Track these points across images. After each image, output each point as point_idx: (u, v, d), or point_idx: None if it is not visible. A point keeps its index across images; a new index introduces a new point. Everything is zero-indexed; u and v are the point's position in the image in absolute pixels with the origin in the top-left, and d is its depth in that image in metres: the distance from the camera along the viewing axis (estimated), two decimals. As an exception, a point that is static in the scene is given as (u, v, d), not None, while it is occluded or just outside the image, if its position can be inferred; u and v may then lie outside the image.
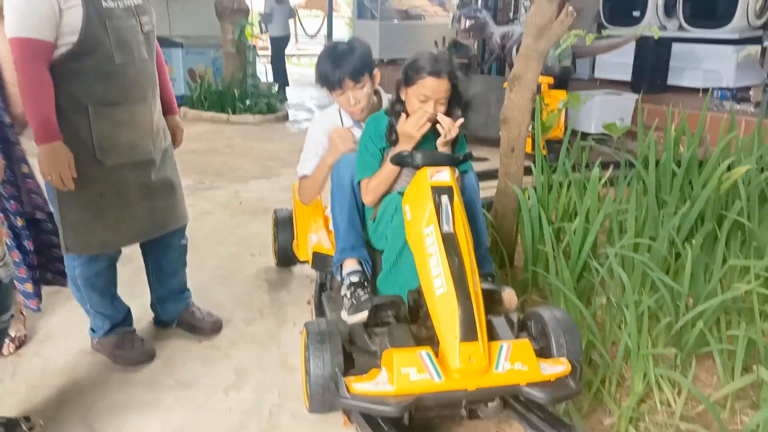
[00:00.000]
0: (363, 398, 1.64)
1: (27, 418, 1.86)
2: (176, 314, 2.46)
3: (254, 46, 8.31)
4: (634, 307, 2.06)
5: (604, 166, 3.43)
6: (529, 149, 4.34)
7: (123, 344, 2.26)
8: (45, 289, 2.76)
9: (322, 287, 2.65)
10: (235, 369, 2.26)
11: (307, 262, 2.65)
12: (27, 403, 2.03)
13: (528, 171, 3.14)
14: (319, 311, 2.50)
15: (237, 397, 2.10)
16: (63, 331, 2.44)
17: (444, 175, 1.97)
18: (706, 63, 7.02)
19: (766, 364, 1.97)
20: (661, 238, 2.48)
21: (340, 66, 2.31)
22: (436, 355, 1.72)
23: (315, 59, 2.48)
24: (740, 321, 2.24)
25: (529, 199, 2.83)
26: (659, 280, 2.22)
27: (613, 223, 2.74)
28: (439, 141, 2.11)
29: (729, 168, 2.86)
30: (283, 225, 3.00)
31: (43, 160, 1.88)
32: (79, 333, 2.40)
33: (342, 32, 15.09)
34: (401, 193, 2.11)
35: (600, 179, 2.79)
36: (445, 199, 1.92)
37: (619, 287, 2.28)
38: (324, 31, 13.65)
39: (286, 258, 3.02)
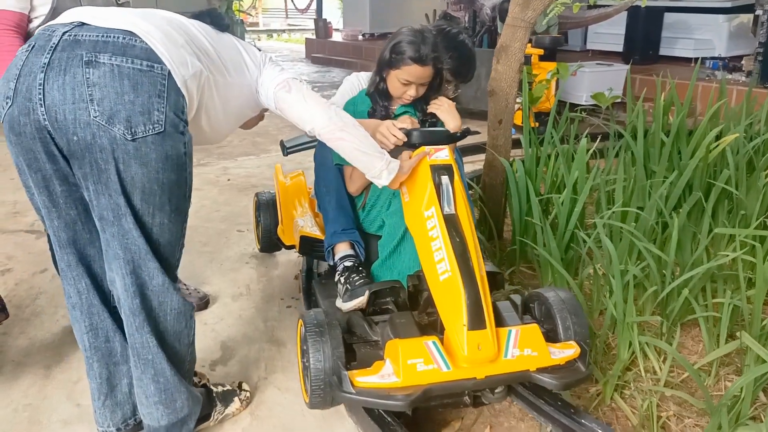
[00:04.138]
0: (369, 393, 1.57)
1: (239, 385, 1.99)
2: (163, 291, 2.45)
3: (242, 21, 8.22)
4: (620, 277, 2.06)
5: (595, 137, 3.43)
6: (519, 121, 4.34)
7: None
8: (31, 268, 2.78)
9: (309, 273, 2.55)
10: (221, 344, 2.26)
11: (293, 247, 2.56)
12: (12, 381, 2.03)
13: (518, 144, 3.13)
14: (308, 299, 2.41)
15: (223, 371, 2.10)
16: (49, 310, 2.44)
17: (443, 154, 1.90)
18: (698, 32, 6.97)
19: (750, 331, 1.98)
20: (648, 208, 2.48)
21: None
22: (442, 343, 1.66)
23: (305, 34, 2.40)
24: (726, 289, 2.25)
25: (516, 171, 2.82)
26: (645, 249, 2.22)
27: (601, 193, 2.73)
28: (441, 115, 2.15)
29: (718, 137, 2.86)
30: (266, 209, 2.83)
31: None
32: (65, 311, 2.36)
33: (332, 7, 14.91)
34: None
35: (588, 150, 2.79)
36: (445, 179, 1.84)
37: (606, 257, 2.28)
38: (314, 5, 13.48)
39: (270, 244, 2.87)
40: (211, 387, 1.87)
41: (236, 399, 1.88)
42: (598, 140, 3.30)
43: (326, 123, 1.74)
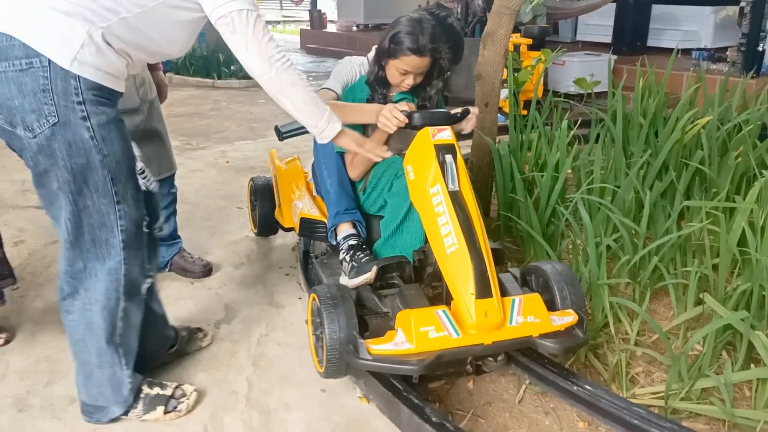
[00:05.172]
0: (384, 359, 1.67)
1: (199, 329, 2.18)
2: (168, 259, 2.61)
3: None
4: (594, 246, 2.22)
5: (582, 124, 3.59)
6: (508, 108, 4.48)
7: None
8: (43, 240, 2.93)
9: (306, 255, 2.63)
10: (225, 306, 2.42)
11: (291, 229, 2.63)
12: (31, 338, 2.20)
13: (506, 131, 3.29)
14: (308, 279, 2.50)
15: (227, 329, 2.27)
16: (62, 277, 2.59)
17: (446, 134, 1.99)
18: (685, 24, 7.16)
19: (715, 296, 2.14)
20: (625, 186, 2.64)
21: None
22: (451, 311, 1.77)
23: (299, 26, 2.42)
24: (695, 259, 2.41)
25: (501, 152, 2.98)
26: (619, 221, 2.39)
27: (581, 173, 2.89)
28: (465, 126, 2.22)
29: (694, 121, 3.03)
30: (262, 193, 2.89)
31: None
32: (78, 277, 2.54)
33: (327, -2, 15.02)
34: (402, 155, 2.11)
35: (569, 132, 2.95)
36: (449, 157, 1.93)
37: (583, 230, 2.44)
38: (309, -4, 13.59)
39: (267, 227, 2.94)
40: (143, 388, 1.85)
41: (160, 408, 1.83)
42: (578, 123, 3.46)
43: (265, 82, 1.70)
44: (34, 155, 1.51)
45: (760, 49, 5.73)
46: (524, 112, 4.88)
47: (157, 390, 1.84)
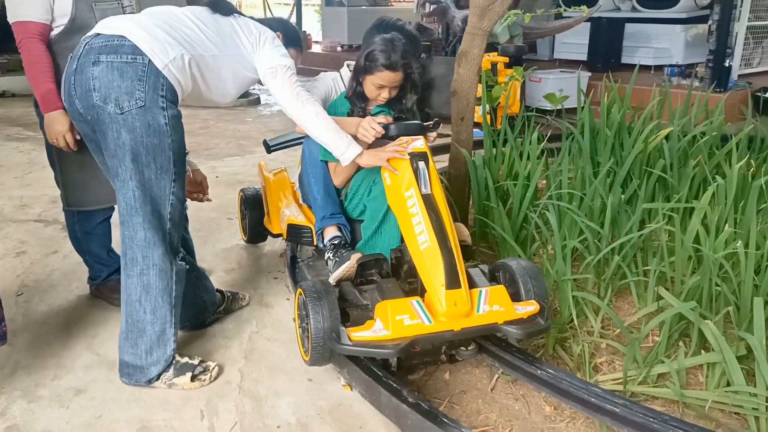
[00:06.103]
0: (364, 344, 1.84)
1: (238, 292, 2.60)
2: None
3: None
4: (560, 249, 2.40)
5: (555, 138, 3.77)
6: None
7: (119, 289, 2.54)
8: (43, 250, 3.07)
9: (293, 260, 2.79)
10: (217, 307, 2.57)
11: (280, 235, 2.78)
12: (38, 336, 2.34)
13: (482, 145, 3.48)
14: (295, 281, 2.59)
15: (220, 327, 2.43)
16: (64, 283, 2.75)
17: (419, 143, 2.22)
18: (657, 41, 7.42)
19: (672, 291, 2.32)
20: (590, 192, 2.83)
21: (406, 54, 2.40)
22: (424, 302, 1.94)
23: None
24: (654, 258, 2.60)
25: (476, 163, 3.17)
26: (584, 224, 2.57)
27: (551, 182, 3.08)
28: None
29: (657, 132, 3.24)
30: (252, 203, 3.08)
31: (49, 126, 2.18)
32: (78, 282, 2.72)
33: (312, 20, 15.28)
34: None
35: (540, 142, 3.15)
36: (422, 164, 2.15)
37: (551, 231, 2.62)
38: (293, 19, 13.80)
39: (256, 234, 3.13)
40: (175, 356, 2.07)
41: (188, 374, 2.05)
42: (548, 136, 3.66)
43: (293, 113, 2.16)
44: (118, 128, 1.87)
45: (727, 64, 6.00)
46: (499, 127, 5.09)
47: (186, 359, 2.09)
